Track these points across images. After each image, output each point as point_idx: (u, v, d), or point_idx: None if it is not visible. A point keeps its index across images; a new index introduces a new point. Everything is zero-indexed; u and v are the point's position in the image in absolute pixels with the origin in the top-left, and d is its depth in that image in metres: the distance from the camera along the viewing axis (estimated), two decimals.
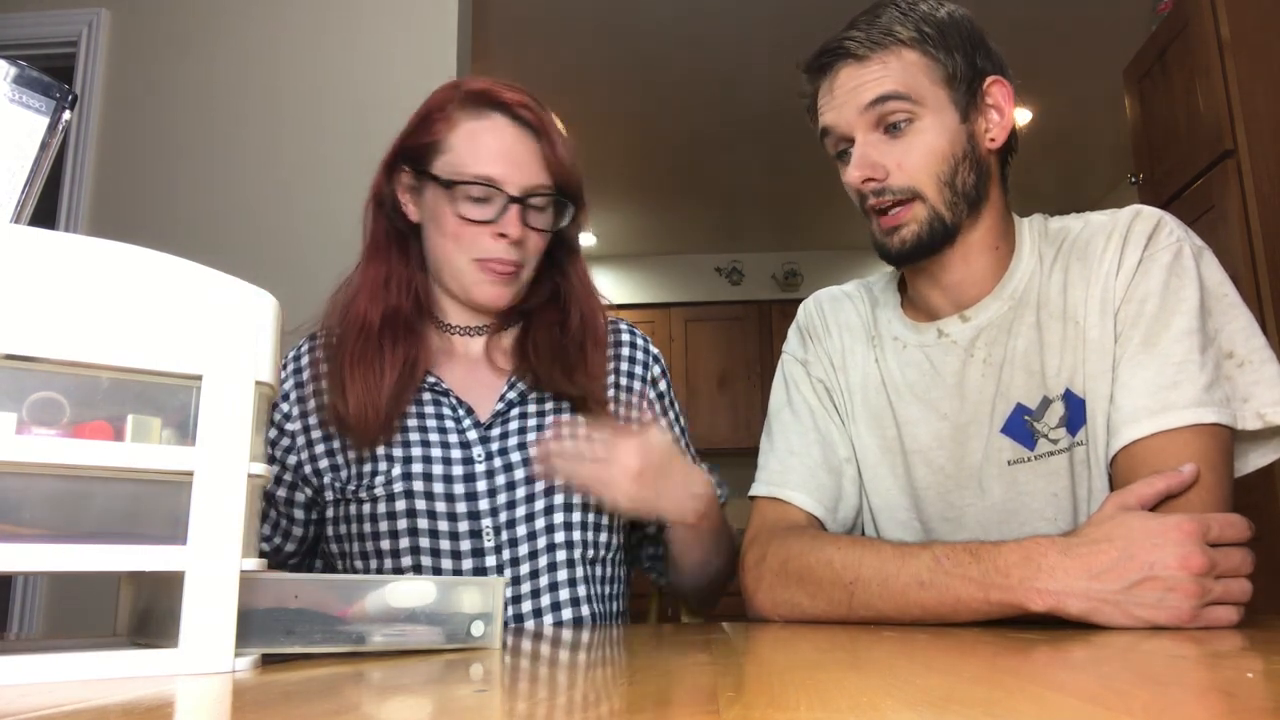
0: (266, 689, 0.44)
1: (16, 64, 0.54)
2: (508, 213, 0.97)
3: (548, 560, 1.00)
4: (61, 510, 0.46)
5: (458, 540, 0.98)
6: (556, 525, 1.00)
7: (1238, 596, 0.72)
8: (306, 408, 1.05)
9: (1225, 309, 0.90)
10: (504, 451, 1.01)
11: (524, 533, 0.99)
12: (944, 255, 0.97)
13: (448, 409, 1.02)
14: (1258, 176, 2.08)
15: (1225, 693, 0.40)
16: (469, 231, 0.98)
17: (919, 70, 0.92)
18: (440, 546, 0.98)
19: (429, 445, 1.00)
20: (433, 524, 0.97)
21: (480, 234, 0.98)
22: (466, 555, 0.98)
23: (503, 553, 0.99)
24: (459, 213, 0.98)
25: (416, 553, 0.97)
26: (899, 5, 0.95)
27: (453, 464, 0.99)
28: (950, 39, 0.94)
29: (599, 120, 3.85)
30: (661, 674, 0.51)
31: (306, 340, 1.10)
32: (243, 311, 0.52)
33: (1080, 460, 0.92)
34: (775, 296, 5.20)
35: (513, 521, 0.99)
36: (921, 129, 0.92)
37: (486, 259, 0.98)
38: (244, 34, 2.43)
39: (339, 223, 1.09)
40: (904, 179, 0.92)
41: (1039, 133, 3.95)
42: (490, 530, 0.98)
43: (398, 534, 0.97)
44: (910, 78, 0.92)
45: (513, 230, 0.97)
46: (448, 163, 0.99)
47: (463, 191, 0.97)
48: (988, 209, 0.97)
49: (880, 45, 0.92)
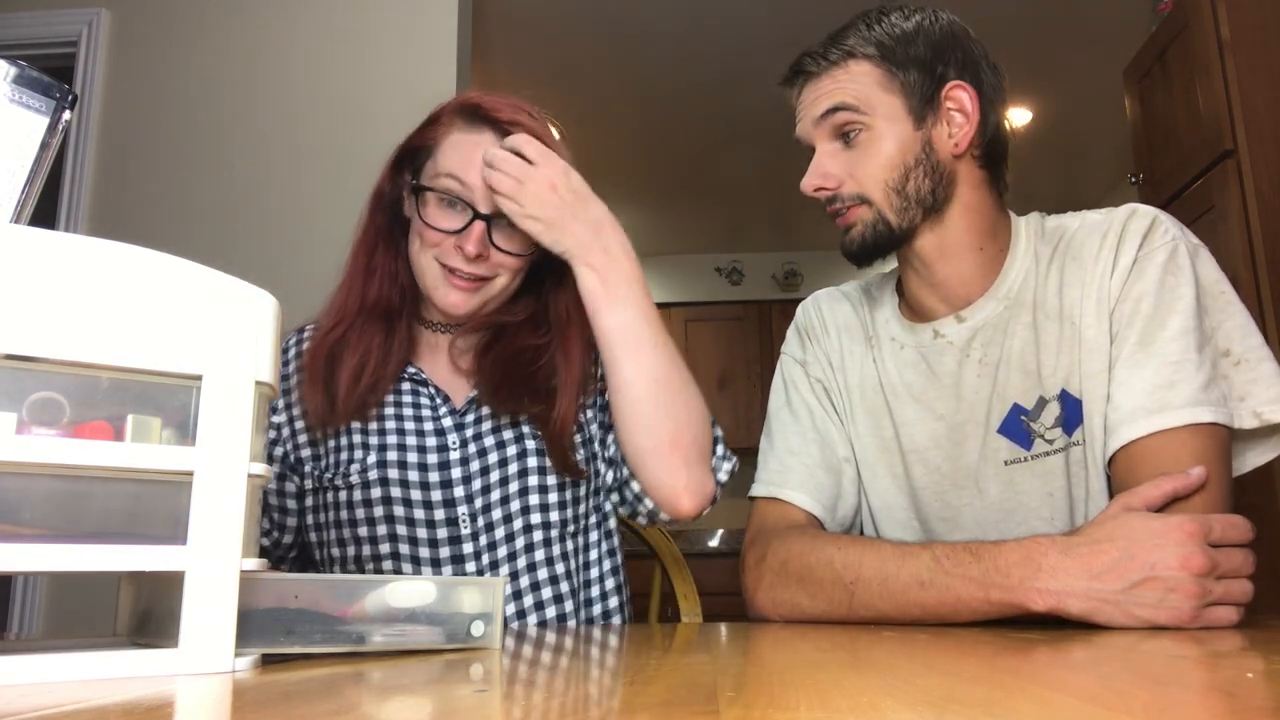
0: (266, 689, 0.44)
1: (16, 64, 0.54)
2: (472, 228, 0.96)
3: (525, 542, 1.01)
4: (61, 510, 0.46)
5: (434, 528, 0.99)
6: (532, 506, 1.01)
7: (1239, 597, 0.72)
8: (290, 399, 1.06)
9: (1221, 307, 0.90)
10: (478, 437, 1.02)
11: (499, 516, 1.00)
12: (920, 255, 0.99)
13: (425, 398, 1.04)
14: (1258, 176, 2.08)
15: (1226, 693, 0.40)
16: (434, 237, 0.98)
17: (871, 81, 0.95)
18: (417, 534, 0.99)
19: (404, 434, 1.01)
20: (408, 511, 0.98)
21: (445, 241, 0.98)
22: (443, 543, 0.99)
23: (480, 539, 1.00)
24: (427, 218, 0.98)
25: (394, 540, 0.98)
26: (867, 18, 0.98)
27: (428, 451, 1.01)
28: (911, 49, 0.95)
29: (598, 120, 3.85)
30: (661, 674, 0.51)
31: (294, 333, 1.11)
32: (243, 311, 0.52)
33: (1077, 460, 0.92)
34: (775, 296, 5.21)
35: (488, 506, 1.00)
36: (872, 138, 0.95)
37: (448, 265, 0.99)
38: (243, 34, 2.43)
39: (339, 222, 1.09)
40: (854, 187, 0.96)
41: (1039, 133, 3.95)
42: (466, 517, 0.99)
43: (374, 521, 0.98)
44: (861, 89, 0.95)
45: (470, 247, 0.96)
46: (433, 167, 1.00)
47: (433, 196, 0.98)
48: (959, 211, 0.97)
49: (833, 61, 0.97)
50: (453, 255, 0.97)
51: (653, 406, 0.95)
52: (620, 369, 0.95)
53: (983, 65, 0.98)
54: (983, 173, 0.99)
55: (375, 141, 1.10)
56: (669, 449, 0.95)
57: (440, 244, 0.98)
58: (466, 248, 0.96)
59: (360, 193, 1.09)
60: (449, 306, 1.00)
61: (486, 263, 0.98)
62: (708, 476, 0.99)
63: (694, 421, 0.97)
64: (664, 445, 0.95)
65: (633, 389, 0.95)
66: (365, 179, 1.09)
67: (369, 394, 1.01)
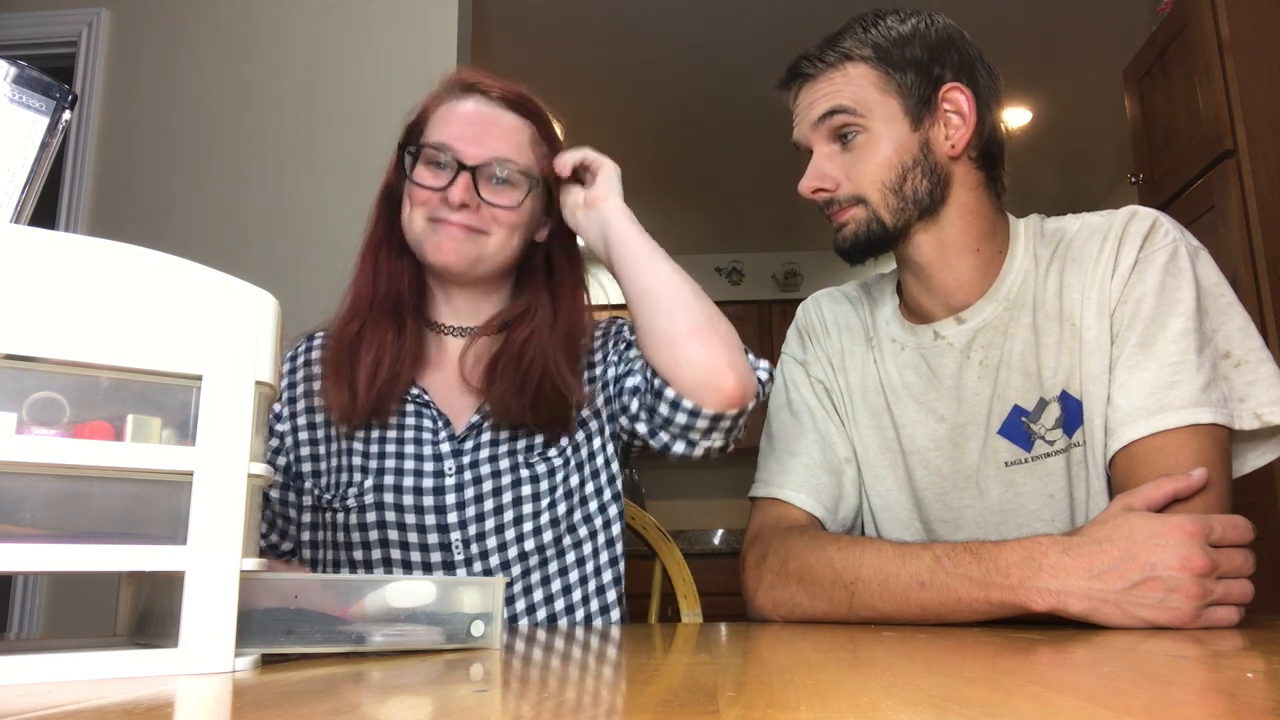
0: (266, 689, 0.44)
1: (16, 64, 0.54)
2: (458, 178, 0.98)
3: (520, 569, 1.00)
4: (61, 510, 0.46)
5: (427, 552, 0.98)
6: (526, 534, 0.99)
7: (1239, 598, 0.72)
8: (296, 408, 1.06)
9: (1222, 309, 0.90)
10: (475, 464, 1.00)
11: (494, 544, 0.99)
12: (917, 256, 0.99)
13: (428, 419, 1.02)
14: (1258, 176, 2.08)
15: (1226, 693, 0.40)
16: (422, 195, 0.99)
17: (867, 84, 0.96)
18: (410, 559, 0.98)
19: (403, 457, 1.00)
20: (402, 536, 0.98)
21: (433, 198, 0.99)
22: (437, 568, 0.99)
23: (474, 565, 0.99)
24: (415, 177, 1.00)
25: (388, 564, 0.98)
26: (863, 20, 0.99)
27: (424, 476, 0.99)
28: (907, 51, 0.96)
29: (598, 119, 3.85)
30: (661, 674, 0.51)
31: (304, 339, 1.10)
32: (243, 311, 0.52)
33: (1077, 461, 0.92)
34: (775, 296, 5.21)
35: (482, 535, 0.99)
36: (869, 140, 0.96)
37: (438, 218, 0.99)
38: (244, 34, 2.43)
39: (339, 222, 1.09)
40: (851, 188, 0.97)
41: (1039, 133, 3.95)
42: (459, 543, 0.98)
43: (369, 545, 0.98)
44: (858, 91, 0.96)
45: (456, 194, 0.97)
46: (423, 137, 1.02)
47: (423, 157, 1.00)
48: (955, 212, 0.98)
49: (829, 63, 0.98)
50: (441, 209, 0.99)
51: (687, 294, 0.94)
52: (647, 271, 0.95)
53: (978, 67, 0.98)
54: (980, 174, 0.99)
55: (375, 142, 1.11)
56: (707, 329, 0.92)
57: (429, 201, 0.99)
58: (452, 195, 0.97)
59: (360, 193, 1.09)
60: (443, 258, 0.99)
61: (476, 215, 0.99)
62: (748, 367, 0.94)
63: (724, 320, 0.95)
64: (702, 326, 0.92)
65: (661, 284, 0.94)
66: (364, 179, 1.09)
67: (387, 392, 1.00)
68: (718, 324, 0.93)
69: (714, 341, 0.92)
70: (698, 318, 0.93)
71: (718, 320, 0.94)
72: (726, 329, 0.94)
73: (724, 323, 0.95)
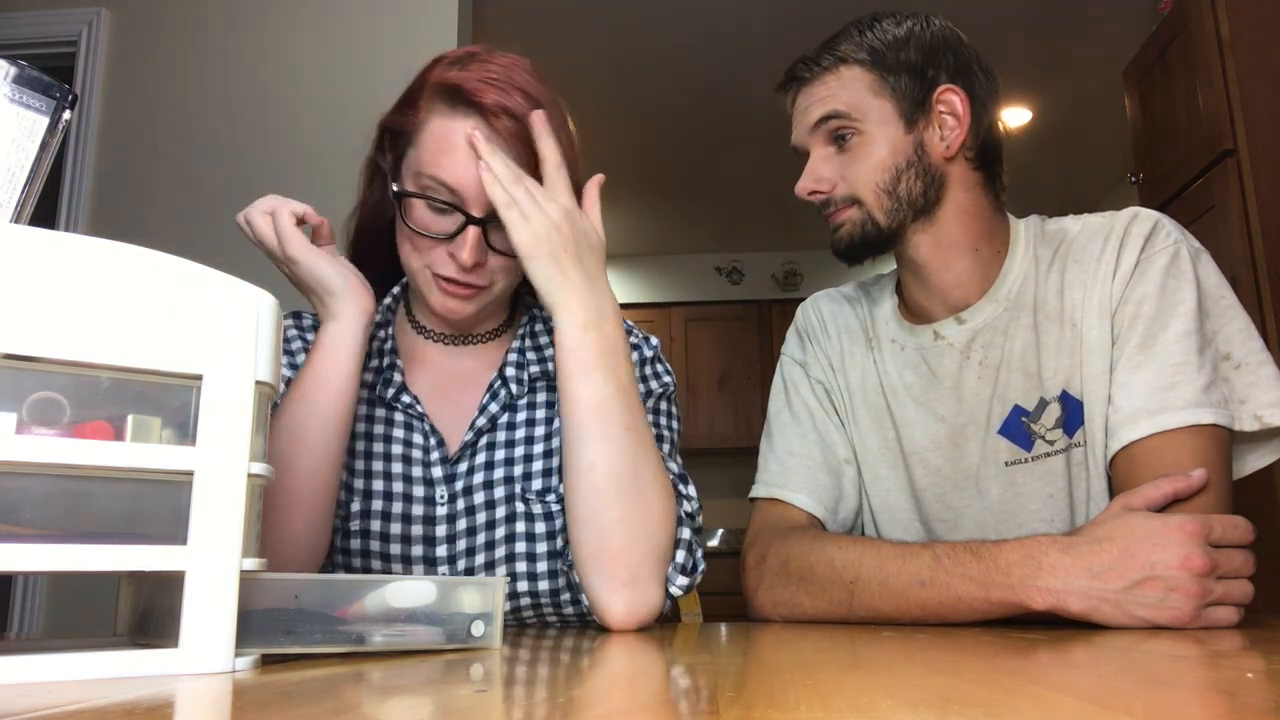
0: (266, 689, 0.44)
1: (16, 64, 0.54)
2: (465, 234, 0.86)
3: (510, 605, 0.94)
4: (62, 510, 0.46)
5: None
6: (520, 574, 0.93)
7: (1239, 598, 0.72)
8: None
9: (1222, 311, 0.90)
10: (468, 491, 0.94)
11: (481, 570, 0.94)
12: (915, 256, 0.99)
13: (419, 435, 0.96)
14: (1258, 176, 2.08)
15: (1226, 693, 0.40)
16: (424, 243, 0.88)
17: (862, 87, 0.97)
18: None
19: (391, 478, 0.94)
20: (386, 566, 0.93)
21: (435, 248, 0.88)
22: None
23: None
24: (414, 221, 0.88)
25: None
26: (859, 24, 1.00)
27: (413, 503, 0.93)
28: (902, 54, 0.97)
29: (598, 119, 3.84)
30: (661, 674, 0.51)
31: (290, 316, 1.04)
32: (243, 311, 0.52)
33: (1078, 461, 0.92)
34: (775, 296, 5.21)
35: (471, 570, 0.93)
36: (864, 142, 0.96)
37: (440, 275, 0.89)
38: (243, 34, 2.43)
39: (339, 222, 1.08)
40: (846, 189, 0.98)
41: (1039, 133, 3.95)
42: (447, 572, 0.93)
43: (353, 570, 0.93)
44: (852, 95, 0.97)
45: (466, 256, 0.86)
46: (414, 160, 0.89)
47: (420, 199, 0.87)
48: (951, 212, 0.98)
49: (825, 67, 0.99)
50: (446, 264, 0.88)
51: (609, 503, 0.81)
52: (584, 450, 0.81)
53: (974, 68, 0.99)
54: (977, 175, 0.99)
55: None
56: (615, 558, 0.81)
57: (431, 249, 0.88)
58: (461, 257, 0.86)
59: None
60: (447, 313, 0.92)
61: (484, 269, 0.89)
62: (654, 591, 0.82)
63: (654, 526, 0.82)
64: (611, 552, 0.81)
65: (593, 477, 0.81)
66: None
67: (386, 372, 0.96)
68: (636, 545, 0.81)
69: (618, 575, 0.81)
70: (611, 540, 0.81)
71: (640, 538, 0.81)
72: (645, 551, 0.82)
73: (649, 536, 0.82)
